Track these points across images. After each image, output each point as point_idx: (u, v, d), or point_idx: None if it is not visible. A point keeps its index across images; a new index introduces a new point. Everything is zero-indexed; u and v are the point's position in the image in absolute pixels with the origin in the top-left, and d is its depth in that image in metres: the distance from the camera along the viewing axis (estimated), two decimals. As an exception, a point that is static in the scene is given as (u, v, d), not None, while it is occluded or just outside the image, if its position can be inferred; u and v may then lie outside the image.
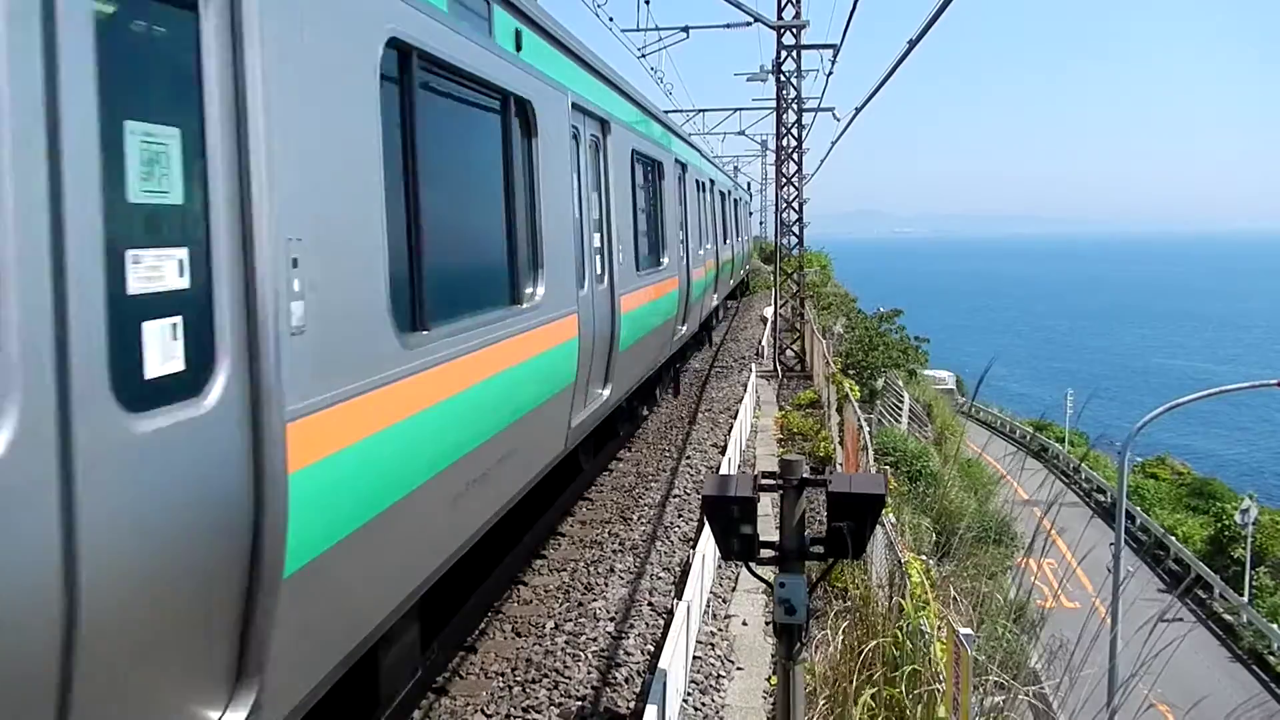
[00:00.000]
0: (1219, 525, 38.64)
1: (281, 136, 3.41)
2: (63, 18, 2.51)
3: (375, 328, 4.23)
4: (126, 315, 2.78)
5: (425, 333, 4.90)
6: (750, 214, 46.38)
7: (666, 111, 20.69)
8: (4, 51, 2.34)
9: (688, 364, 22.41)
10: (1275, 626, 31.20)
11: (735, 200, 33.91)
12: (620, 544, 9.98)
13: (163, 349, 2.95)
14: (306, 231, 3.60)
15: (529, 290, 6.88)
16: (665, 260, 13.52)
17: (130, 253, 2.82)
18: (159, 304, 2.94)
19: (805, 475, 4.54)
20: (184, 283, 3.05)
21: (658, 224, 13.44)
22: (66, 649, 2.49)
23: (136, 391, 2.80)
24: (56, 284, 2.48)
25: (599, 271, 9.18)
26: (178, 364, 3.01)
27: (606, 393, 9.48)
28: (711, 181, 22.94)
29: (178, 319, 3.02)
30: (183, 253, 3.05)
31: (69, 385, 2.51)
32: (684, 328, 15.90)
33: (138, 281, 2.85)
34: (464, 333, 5.37)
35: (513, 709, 6.56)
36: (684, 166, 16.47)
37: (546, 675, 7.00)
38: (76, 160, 2.55)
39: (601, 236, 9.42)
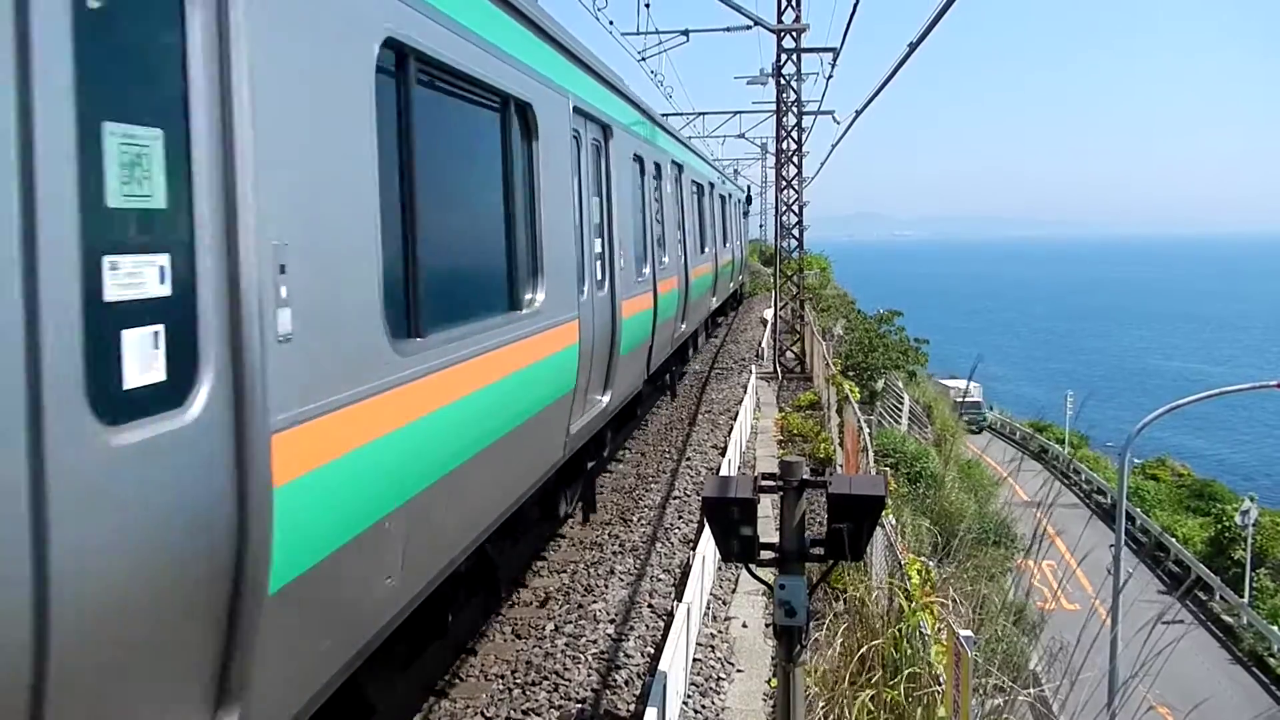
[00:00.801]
0: (1219, 526, 38.67)
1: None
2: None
3: None
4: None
5: None
6: (746, 214, 41.13)
7: (665, 114, 20.40)
8: None
9: (652, 414, 16.46)
10: (1275, 628, 31.20)
11: (724, 196, 27.00)
12: (620, 546, 9.98)
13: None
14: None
15: None
16: (537, 296, 6.86)
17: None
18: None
19: (805, 477, 4.54)
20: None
21: (525, 229, 6.83)
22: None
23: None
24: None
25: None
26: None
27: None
28: (679, 167, 15.96)
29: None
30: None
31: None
32: (605, 398, 9.43)
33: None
34: None
35: (513, 712, 6.56)
36: (607, 131, 9.63)
37: (546, 678, 7.00)
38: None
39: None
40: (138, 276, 2.82)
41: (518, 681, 6.96)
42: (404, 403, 4.43)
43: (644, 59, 28.17)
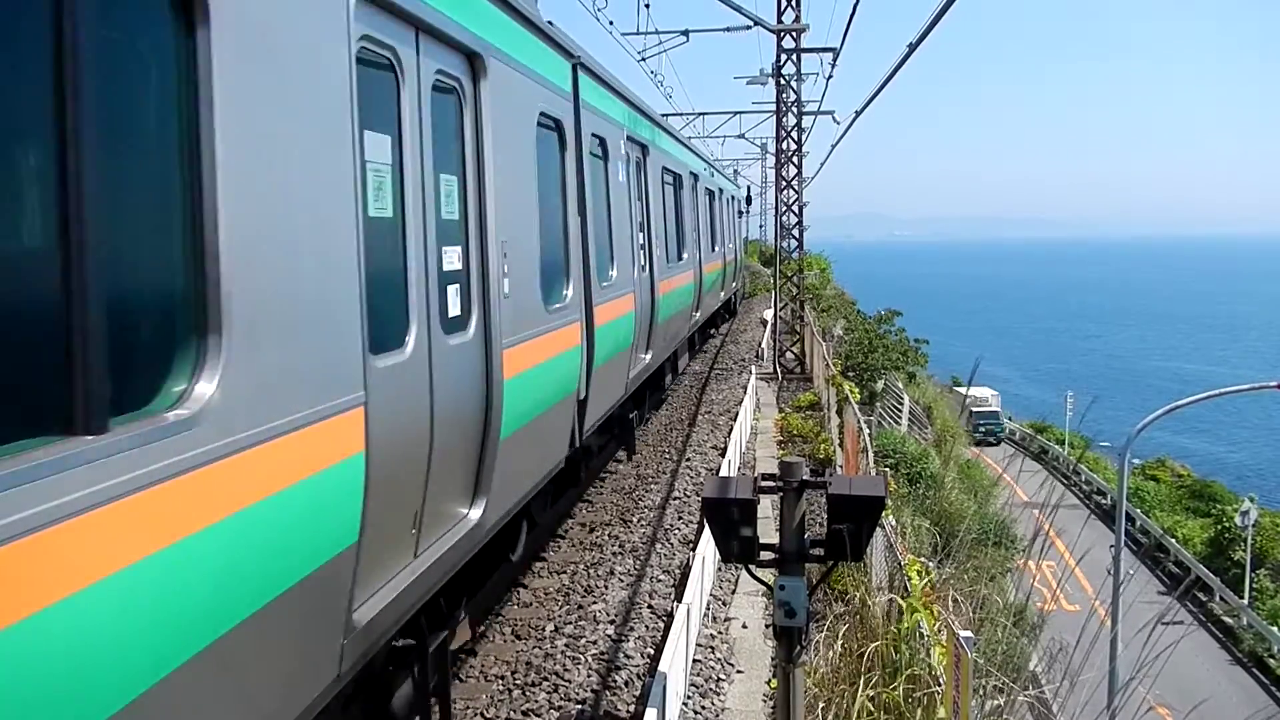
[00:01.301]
0: (1219, 527, 38.67)
1: None
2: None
3: None
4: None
5: None
6: (741, 213, 35.08)
7: (665, 114, 20.17)
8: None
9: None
10: (1275, 629, 31.20)
11: (712, 191, 22.67)
12: (620, 546, 9.98)
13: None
14: None
15: None
16: (198, 387, 2.97)
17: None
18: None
19: (805, 477, 4.54)
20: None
21: (169, 226, 3.04)
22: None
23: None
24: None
25: None
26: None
27: None
28: (641, 148, 12.28)
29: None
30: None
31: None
32: (475, 513, 5.76)
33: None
34: None
35: (512, 713, 6.55)
36: (477, 64, 5.63)
37: (546, 679, 7.00)
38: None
39: None
40: None
41: (518, 682, 6.96)
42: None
43: (644, 59, 28.19)
